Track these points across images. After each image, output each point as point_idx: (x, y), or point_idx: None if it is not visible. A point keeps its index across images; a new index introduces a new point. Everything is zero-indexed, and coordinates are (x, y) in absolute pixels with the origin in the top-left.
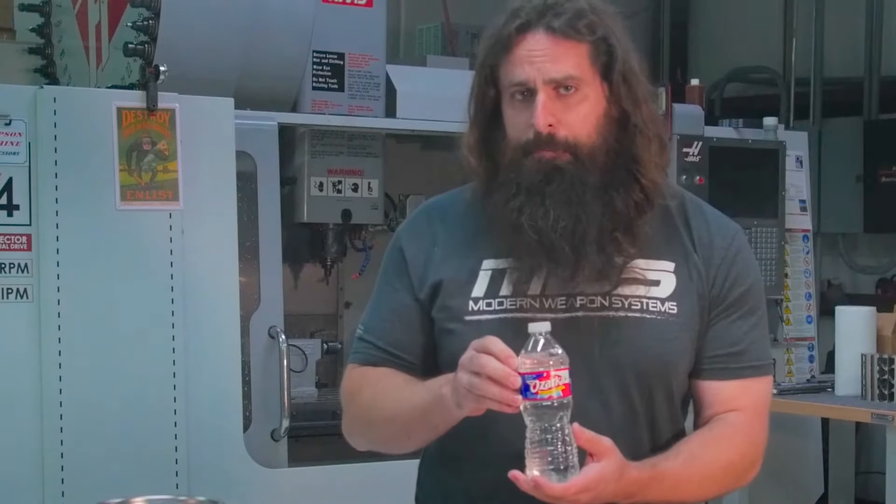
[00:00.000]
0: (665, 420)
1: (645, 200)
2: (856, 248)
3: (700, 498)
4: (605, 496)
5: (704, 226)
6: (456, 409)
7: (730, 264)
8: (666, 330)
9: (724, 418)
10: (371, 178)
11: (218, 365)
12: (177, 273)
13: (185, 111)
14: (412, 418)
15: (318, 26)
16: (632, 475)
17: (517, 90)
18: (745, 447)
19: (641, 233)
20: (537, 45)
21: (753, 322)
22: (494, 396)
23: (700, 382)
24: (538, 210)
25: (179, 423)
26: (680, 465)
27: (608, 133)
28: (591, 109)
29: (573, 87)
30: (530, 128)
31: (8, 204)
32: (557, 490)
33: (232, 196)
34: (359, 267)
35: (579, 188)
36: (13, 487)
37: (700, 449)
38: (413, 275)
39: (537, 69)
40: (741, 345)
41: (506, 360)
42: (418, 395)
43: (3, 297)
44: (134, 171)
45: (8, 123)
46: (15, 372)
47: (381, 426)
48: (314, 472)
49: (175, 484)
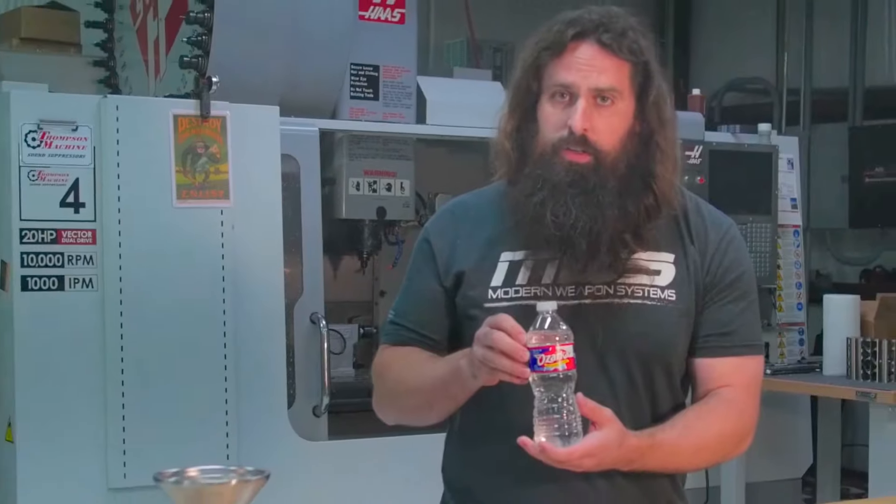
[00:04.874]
0: (665, 396)
1: (655, 208)
2: (842, 242)
3: (696, 465)
4: (606, 462)
5: (701, 221)
6: (472, 380)
7: (723, 253)
8: (665, 315)
9: (718, 393)
10: (403, 179)
11: (264, 348)
12: (227, 264)
13: (235, 118)
14: (434, 389)
15: (356, 41)
16: (631, 443)
17: (559, 91)
18: (738, 420)
19: (649, 235)
20: (587, 55)
21: (744, 306)
22: (505, 369)
23: (695, 360)
24: (560, 207)
25: (230, 400)
26: (676, 435)
27: (631, 146)
28: (621, 123)
29: (611, 99)
30: (565, 127)
31: (75, 202)
32: (562, 454)
33: (277, 194)
34: (392, 259)
35: (599, 192)
36: (80, 458)
37: (695, 421)
38: (439, 265)
39: (584, 76)
40: (732, 325)
41: (516, 336)
42: (440, 368)
43: (71, 285)
44: (188, 173)
45: (75, 129)
46: (81, 354)
47: (407, 397)
48: (351, 445)
49: (226, 455)
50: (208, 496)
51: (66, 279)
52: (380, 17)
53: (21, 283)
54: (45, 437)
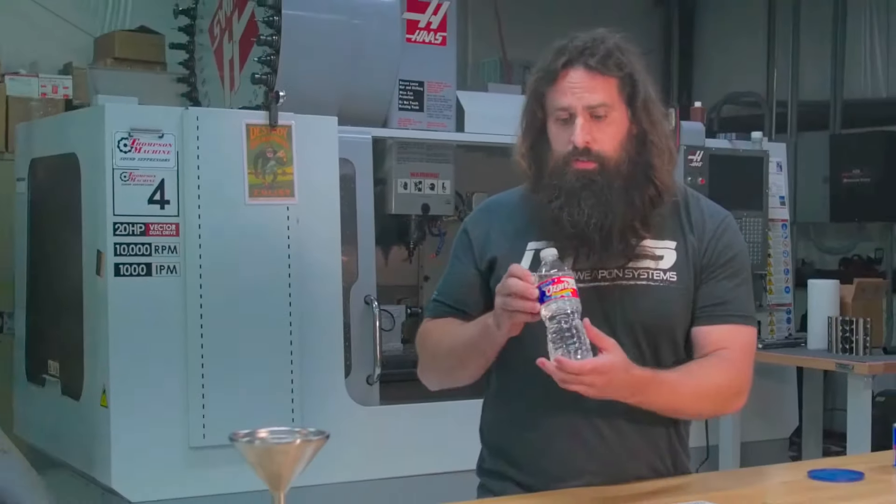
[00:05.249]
0: (669, 365)
1: (657, 196)
2: (823, 234)
3: (694, 410)
4: (616, 384)
5: (700, 213)
6: (497, 331)
7: (718, 238)
8: (667, 294)
9: (716, 353)
10: (444, 179)
11: (324, 325)
12: (292, 253)
13: (300, 127)
14: (466, 347)
15: (404, 61)
16: (636, 373)
17: (561, 114)
18: (733, 376)
19: (654, 221)
20: (577, 79)
21: (738, 282)
22: (519, 307)
23: (694, 329)
24: (575, 209)
25: (295, 370)
26: (677, 377)
27: (630, 147)
28: (618, 130)
29: (604, 113)
30: (570, 143)
31: (161, 199)
32: (575, 366)
33: (336, 193)
34: (435, 248)
35: (607, 192)
36: (165, 420)
37: (696, 369)
38: (475, 252)
39: (577, 98)
40: (726, 297)
41: (525, 278)
42: (470, 329)
43: (157, 272)
44: (259, 174)
45: (161, 137)
46: (166, 331)
47: (444, 359)
48: (400, 409)
49: (291, 418)
50: (276, 454)
51: (153, 266)
52: (424, 40)
53: (114, 269)
54: (135, 402)
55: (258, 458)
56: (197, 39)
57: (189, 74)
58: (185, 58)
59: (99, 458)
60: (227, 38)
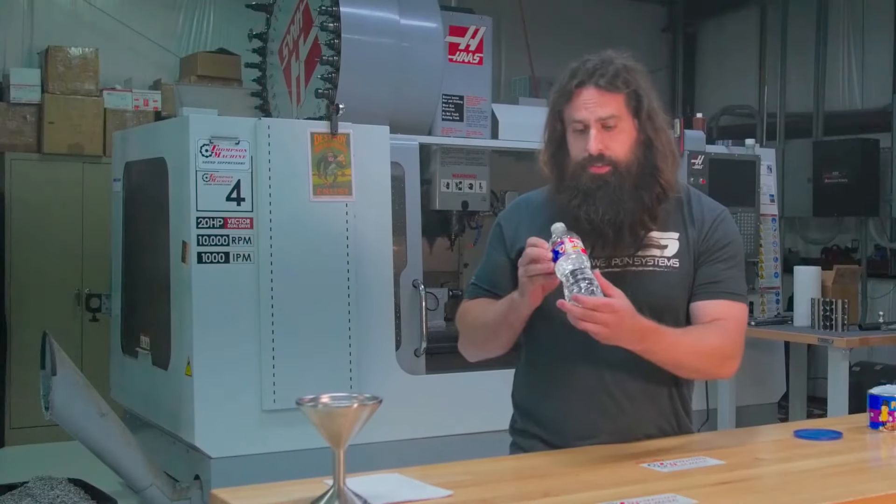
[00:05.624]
0: None
1: (663, 193)
2: (807, 227)
3: (691, 365)
4: (625, 327)
5: (700, 208)
6: (522, 302)
7: (716, 228)
8: (670, 278)
9: (713, 322)
10: (481, 180)
11: (378, 305)
12: (351, 244)
13: (357, 135)
14: (496, 321)
15: (446, 78)
16: (641, 321)
17: (577, 126)
18: (727, 341)
19: (660, 215)
20: (589, 96)
21: (731, 265)
22: (537, 270)
23: (692, 304)
24: (591, 207)
25: (353, 344)
26: (676, 333)
27: (638, 152)
28: (627, 138)
29: (614, 124)
30: (586, 150)
31: (237, 197)
32: (591, 301)
33: (388, 192)
34: (473, 239)
35: (618, 192)
36: (241, 387)
37: (693, 330)
38: (507, 242)
39: (590, 112)
40: (721, 277)
41: (539, 245)
42: (500, 304)
43: (234, 259)
44: (322, 175)
45: (237, 143)
46: (241, 310)
47: (478, 332)
48: (444, 378)
49: (349, 385)
50: (336, 416)
51: (230, 254)
52: (464, 60)
53: (197, 257)
54: (215, 371)
55: (321, 420)
56: (268, 59)
57: (261, 90)
58: (258, 75)
59: (184, 419)
60: (294, 58)
